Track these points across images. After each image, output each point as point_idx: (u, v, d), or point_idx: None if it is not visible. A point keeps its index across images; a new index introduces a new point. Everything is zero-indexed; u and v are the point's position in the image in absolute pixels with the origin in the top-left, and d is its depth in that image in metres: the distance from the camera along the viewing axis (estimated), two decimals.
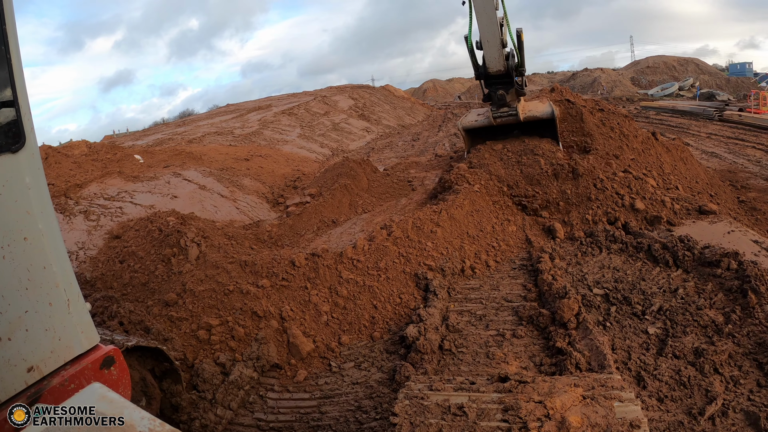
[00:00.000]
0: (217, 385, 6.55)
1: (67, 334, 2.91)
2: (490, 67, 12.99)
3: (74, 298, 3.00)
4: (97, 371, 3.03)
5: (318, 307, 7.71)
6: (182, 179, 15.69)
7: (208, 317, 7.41)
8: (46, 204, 2.97)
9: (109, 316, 7.30)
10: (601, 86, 56.06)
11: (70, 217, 12.14)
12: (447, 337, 7.06)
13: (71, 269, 3.10)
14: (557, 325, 6.95)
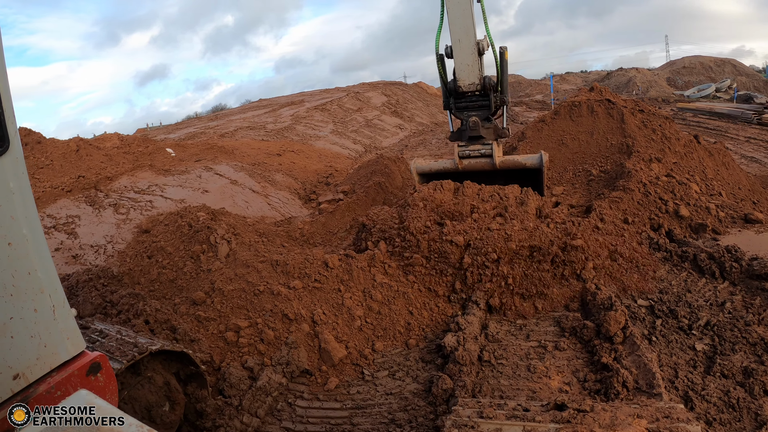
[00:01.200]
0: (244, 390, 6.25)
1: (53, 341, 2.85)
2: (461, 80, 10.51)
3: (59, 304, 2.96)
4: (83, 378, 2.96)
5: (351, 311, 7.33)
6: (214, 173, 15.51)
7: (237, 318, 7.13)
8: (31, 209, 2.92)
9: (135, 315, 7.06)
10: (636, 86, 54.96)
11: (99, 209, 12.01)
12: (486, 347, 6.69)
13: (56, 275, 3.03)
14: (602, 338, 6.51)
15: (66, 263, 9.95)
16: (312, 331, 7.05)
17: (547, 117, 15.02)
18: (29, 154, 13.83)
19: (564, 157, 13.44)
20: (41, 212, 11.64)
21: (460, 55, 10.17)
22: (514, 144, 15.28)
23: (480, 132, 10.65)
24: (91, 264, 9.84)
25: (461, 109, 10.89)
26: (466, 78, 10.39)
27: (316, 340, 6.98)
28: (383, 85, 51.17)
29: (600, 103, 14.18)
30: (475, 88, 10.54)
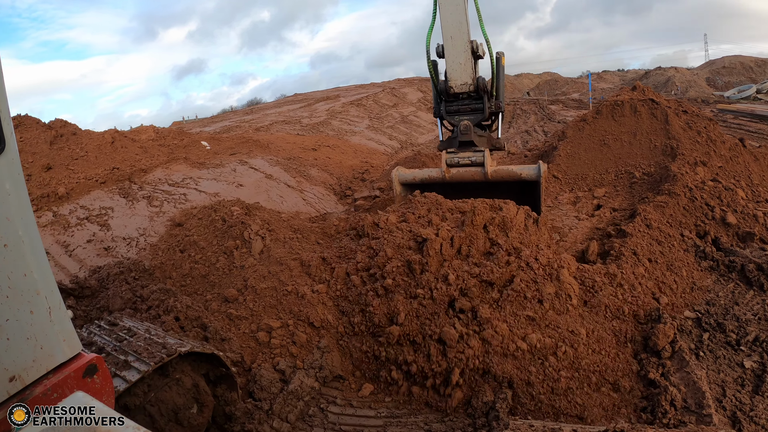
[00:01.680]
0: (276, 393, 6.01)
1: (49, 343, 2.84)
2: (453, 80, 9.74)
3: (55, 306, 2.90)
4: (79, 380, 2.94)
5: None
6: (248, 167, 15.37)
7: (269, 318, 6.89)
8: (27, 210, 2.83)
9: (165, 311, 6.88)
10: (675, 86, 53.94)
11: (132, 202, 11.90)
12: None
13: (52, 276, 2.95)
14: (649, 352, 6.18)
15: (98, 255, 9.83)
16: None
17: (589, 116, 14.64)
18: (64, 146, 13.83)
19: (606, 158, 13.05)
20: (75, 203, 11.60)
21: (452, 53, 9.51)
22: (554, 143, 14.93)
23: (472, 137, 9.95)
24: (123, 257, 9.71)
25: (452, 113, 10.19)
26: (458, 78, 9.69)
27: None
28: (419, 81, 50.99)
29: (643, 103, 13.76)
30: (468, 89, 9.81)
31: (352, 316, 6.85)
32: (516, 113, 38.47)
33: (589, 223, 10.44)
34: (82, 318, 7.13)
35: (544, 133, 25.72)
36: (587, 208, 11.20)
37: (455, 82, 9.69)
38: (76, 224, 10.83)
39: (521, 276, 6.60)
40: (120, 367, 4.46)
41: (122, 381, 4.29)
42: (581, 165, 13.17)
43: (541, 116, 34.00)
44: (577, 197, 11.89)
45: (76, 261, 9.70)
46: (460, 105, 10.03)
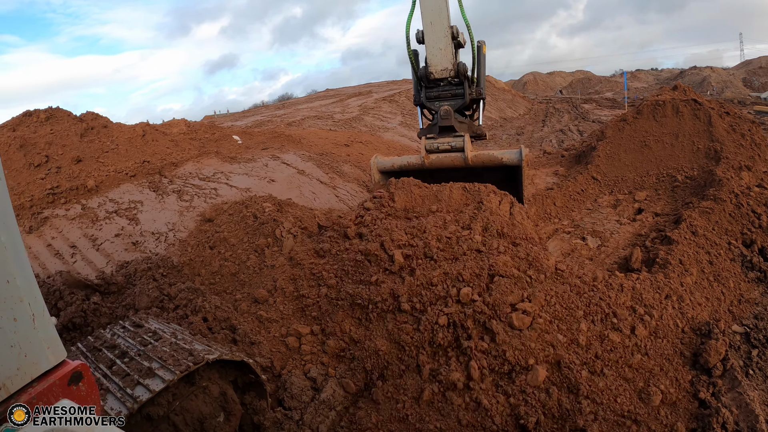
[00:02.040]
0: (306, 402, 5.68)
1: (34, 350, 2.74)
2: (433, 65, 9.67)
3: (39, 313, 2.81)
4: (65, 387, 2.84)
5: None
6: (280, 162, 15.11)
7: (298, 323, 6.56)
8: (9, 216, 2.75)
9: (193, 311, 6.61)
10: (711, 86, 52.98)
11: (162, 196, 11.68)
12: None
13: (35, 283, 2.86)
14: (698, 369, 5.76)
15: (125, 250, 9.62)
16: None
17: (629, 116, 14.28)
18: (95, 138, 13.71)
19: (647, 160, 12.70)
20: (104, 196, 11.43)
21: (432, 38, 9.39)
22: (592, 144, 14.55)
23: (452, 122, 9.82)
24: (151, 252, 9.49)
25: (432, 98, 10.11)
26: (438, 63, 9.61)
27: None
28: None
29: (686, 104, 13.40)
30: (448, 74, 9.75)
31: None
32: (549, 111, 38.03)
33: (631, 228, 10.08)
34: (108, 315, 6.88)
35: (580, 133, 25.33)
36: (628, 212, 10.85)
37: (435, 67, 9.64)
38: (105, 218, 10.64)
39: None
40: (143, 374, 4.16)
41: (145, 390, 3.99)
42: (621, 167, 12.83)
43: (575, 115, 33.58)
44: (617, 200, 11.54)
45: (104, 255, 9.49)
46: (440, 91, 10.00)
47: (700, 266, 7.69)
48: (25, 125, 13.80)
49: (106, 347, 4.83)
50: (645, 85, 69.01)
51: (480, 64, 9.88)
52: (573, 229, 10.36)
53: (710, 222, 8.83)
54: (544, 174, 15.09)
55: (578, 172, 13.51)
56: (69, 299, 7.07)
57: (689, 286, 7.10)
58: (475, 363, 5.59)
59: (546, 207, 11.49)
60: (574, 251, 9.43)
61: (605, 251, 9.27)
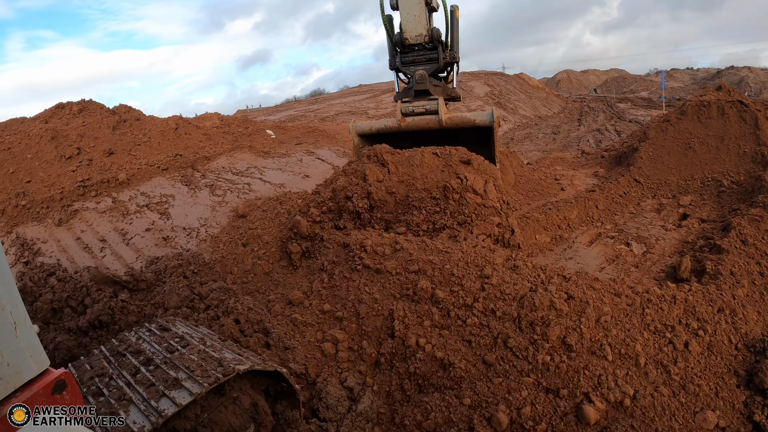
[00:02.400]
0: (343, 414, 5.28)
1: (16, 360, 2.67)
2: (408, 31, 9.81)
3: (21, 321, 2.73)
4: (48, 397, 2.76)
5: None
6: (315, 158, 14.87)
7: (335, 328, 6.17)
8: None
9: (224, 312, 6.28)
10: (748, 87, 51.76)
11: (195, 190, 11.45)
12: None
13: (16, 290, 2.76)
14: (753, 389, 5.33)
15: (156, 245, 9.38)
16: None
17: (672, 116, 13.75)
18: (127, 131, 13.58)
19: (691, 163, 12.21)
20: (135, 189, 11.24)
21: (406, 4, 9.50)
22: (634, 144, 14.07)
23: (427, 86, 10.01)
24: (182, 248, 9.24)
25: (407, 63, 10.24)
26: (412, 29, 9.74)
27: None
28: (485, 75, 50.24)
29: (731, 105, 12.87)
30: (423, 40, 9.88)
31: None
32: (584, 110, 37.50)
33: (677, 234, 9.68)
34: (136, 314, 6.61)
35: (617, 133, 24.85)
36: (673, 217, 10.44)
37: (410, 33, 9.81)
38: (136, 211, 10.42)
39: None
40: (169, 385, 3.82)
41: (171, 403, 3.64)
42: (664, 169, 12.39)
43: (610, 114, 33.07)
44: (660, 204, 11.11)
45: (134, 250, 9.26)
46: (415, 56, 10.17)
47: (751, 278, 7.20)
48: (58, 117, 13.71)
49: (130, 352, 4.50)
50: (681, 84, 67.87)
51: (453, 28, 9.99)
52: (616, 234, 9.96)
53: (760, 231, 8.32)
54: (584, 175, 14.64)
55: (620, 173, 13.06)
56: (96, 296, 6.80)
57: (741, 299, 6.60)
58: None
59: (588, 210, 11.07)
60: (619, 257, 9.03)
61: (651, 258, 8.86)
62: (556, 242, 9.94)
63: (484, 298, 5.96)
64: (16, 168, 11.28)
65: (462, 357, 5.56)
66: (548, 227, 10.23)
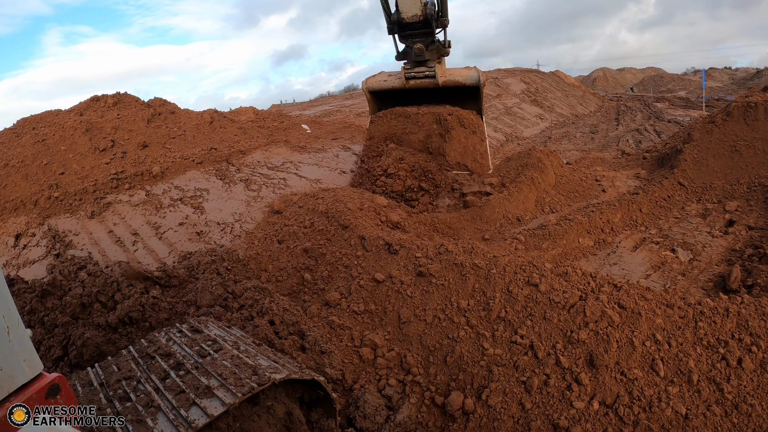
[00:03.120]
0: (381, 424, 5.00)
1: (9, 364, 2.69)
2: (404, 12, 11.09)
3: (14, 325, 2.75)
4: (42, 401, 2.77)
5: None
6: (351, 153, 14.66)
7: (373, 332, 5.88)
8: None
9: (259, 312, 6.04)
10: None
11: (229, 184, 11.28)
12: None
13: (9, 294, 2.77)
14: None
15: (189, 240, 9.20)
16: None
17: (718, 118, 13.29)
18: (162, 124, 13.48)
19: (737, 167, 11.78)
20: (169, 183, 11.10)
21: None
22: (677, 146, 13.63)
23: (425, 57, 11.74)
24: (216, 243, 9.06)
25: (406, 37, 11.81)
26: (408, 10, 10.97)
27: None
28: (521, 72, 49.75)
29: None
30: (418, 19, 11.16)
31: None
32: (621, 110, 36.95)
33: (724, 241, 9.30)
34: (167, 311, 6.40)
35: (657, 133, 24.31)
36: (719, 223, 10.06)
37: (406, 14, 11.08)
38: (169, 205, 10.26)
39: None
40: (201, 393, 3.56)
41: (202, 413, 3.37)
42: (710, 173, 11.97)
43: (648, 114, 32.50)
44: (705, 209, 10.71)
45: (166, 245, 9.09)
46: (412, 30, 11.61)
47: None
48: (93, 110, 13.66)
49: (160, 355, 4.25)
50: (720, 84, 66.51)
51: (444, 4, 11.35)
52: (661, 239, 9.60)
53: None
54: (625, 176, 14.24)
55: (663, 176, 12.64)
56: (127, 291, 6.59)
57: None
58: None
59: (632, 213, 10.70)
60: (665, 264, 8.67)
61: (698, 266, 8.51)
62: (600, 246, 9.61)
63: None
64: (49, 160, 11.20)
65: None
66: (591, 230, 9.89)
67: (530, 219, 11.05)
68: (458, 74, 11.94)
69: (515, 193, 11.56)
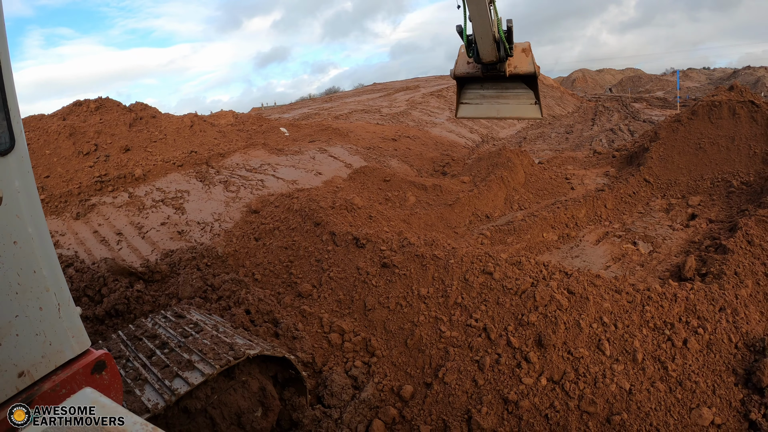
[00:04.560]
0: (347, 401, 5.49)
1: (58, 339, 2.85)
2: (484, 58, 12.70)
3: (65, 303, 2.92)
4: (88, 376, 2.95)
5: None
6: (328, 155, 15.03)
7: (341, 319, 6.38)
8: (36, 208, 2.84)
9: (236, 302, 6.51)
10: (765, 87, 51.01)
11: (209, 186, 11.68)
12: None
13: (61, 273, 2.94)
14: (751, 388, 5.36)
15: (170, 238, 9.60)
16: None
17: (683, 117, 13.76)
18: (143, 128, 13.81)
19: (701, 164, 12.26)
20: (151, 185, 11.46)
21: (482, 45, 12.12)
22: (645, 144, 14.13)
23: (496, 67, 12.96)
24: (196, 241, 9.45)
25: (485, 66, 13.10)
26: (487, 57, 12.42)
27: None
28: None
29: (742, 105, 12.86)
30: (494, 60, 12.57)
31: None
32: (599, 110, 37.29)
33: (684, 234, 9.74)
34: (150, 303, 6.84)
35: (630, 133, 24.74)
36: (681, 218, 10.50)
37: (485, 59, 12.50)
38: (151, 206, 10.66)
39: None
40: (183, 366, 4.04)
41: (184, 383, 3.86)
42: (674, 170, 12.43)
43: (625, 114, 32.88)
44: (669, 204, 11.17)
45: (149, 243, 9.48)
46: (489, 66, 12.93)
47: (756, 278, 7.23)
48: (75, 114, 13.96)
49: (146, 337, 4.73)
50: (697, 84, 67.04)
51: (511, 39, 12.45)
52: (624, 233, 10.04)
53: (767, 231, 8.39)
54: (595, 174, 14.72)
55: (630, 173, 13.11)
56: (113, 286, 7.03)
57: (744, 299, 6.65)
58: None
59: (596, 209, 11.17)
60: (625, 256, 9.13)
61: (657, 257, 8.94)
62: (564, 240, 10.05)
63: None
64: (34, 163, 11.50)
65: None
66: (556, 225, 10.35)
67: (499, 216, 11.50)
68: (520, 67, 13.23)
69: (485, 192, 12.04)
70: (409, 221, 10.24)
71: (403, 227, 9.65)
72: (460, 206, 11.36)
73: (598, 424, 5.07)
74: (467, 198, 11.62)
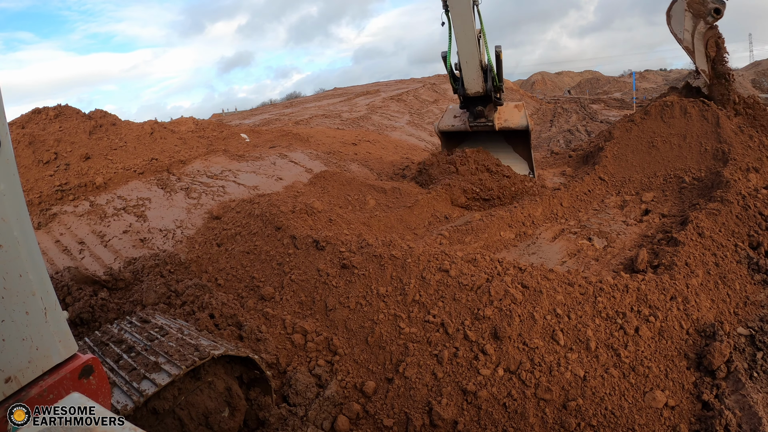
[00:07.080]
0: (311, 399, 5.67)
1: (45, 344, 2.85)
2: (469, 89, 13.06)
3: (51, 307, 2.91)
4: (75, 381, 2.94)
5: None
6: (288, 161, 15.13)
7: (303, 320, 6.58)
8: (22, 211, 2.84)
9: (200, 307, 6.64)
10: None
11: (170, 193, 11.72)
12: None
13: (48, 277, 2.95)
14: (702, 371, 5.67)
15: (133, 246, 9.65)
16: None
17: (637, 117, 14.12)
18: (103, 136, 13.77)
19: (654, 161, 12.58)
20: (112, 193, 11.47)
21: (467, 72, 12.52)
22: (600, 144, 14.49)
23: (484, 115, 13.37)
24: (159, 249, 9.52)
25: (470, 103, 13.53)
26: (472, 88, 12.87)
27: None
28: None
29: (693, 104, 13.23)
30: (479, 94, 13.05)
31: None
32: (557, 112, 37.77)
33: (638, 229, 10.01)
34: (115, 311, 6.93)
35: (587, 133, 25.15)
36: (635, 213, 10.77)
37: (470, 90, 12.95)
38: (113, 214, 10.69)
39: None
40: (150, 369, 4.19)
41: (151, 384, 4.02)
42: (628, 167, 12.75)
43: (583, 115, 33.36)
44: (624, 201, 11.46)
45: (112, 252, 9.53)
46: (474, 99, 13.41)
47: (706, 268, 7.57)
48: (35, 122, 13.88)
49: (113, 342, 4.86)
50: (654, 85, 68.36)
51: (500, 67, 12.88)
52: (579, 230, 10.31)
53: (717, 224, 8.71)
54: (552, 174, 15.05)
55: (585, 172, 13.44)
56: (77, 295, 7.11)
57: (695, 288, 6.99)
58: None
59: (553, 207, 11.45)
60: (580, 252, 9.39)
61: (611, 252, 9.20)
62: (520, 238, 10.30)
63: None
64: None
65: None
66: (513, 224, 10.61)
67: (458, 217, 11.75)
68: (511, 120, 13.36)
69: (443, 194, 12.31)
70: (369, 224, 10.41)
71: (363, 230, 9.82)
72: (419, 208, 11.58)
73: (555, 410, 5.30)
74: (426, 200, 11.85)
